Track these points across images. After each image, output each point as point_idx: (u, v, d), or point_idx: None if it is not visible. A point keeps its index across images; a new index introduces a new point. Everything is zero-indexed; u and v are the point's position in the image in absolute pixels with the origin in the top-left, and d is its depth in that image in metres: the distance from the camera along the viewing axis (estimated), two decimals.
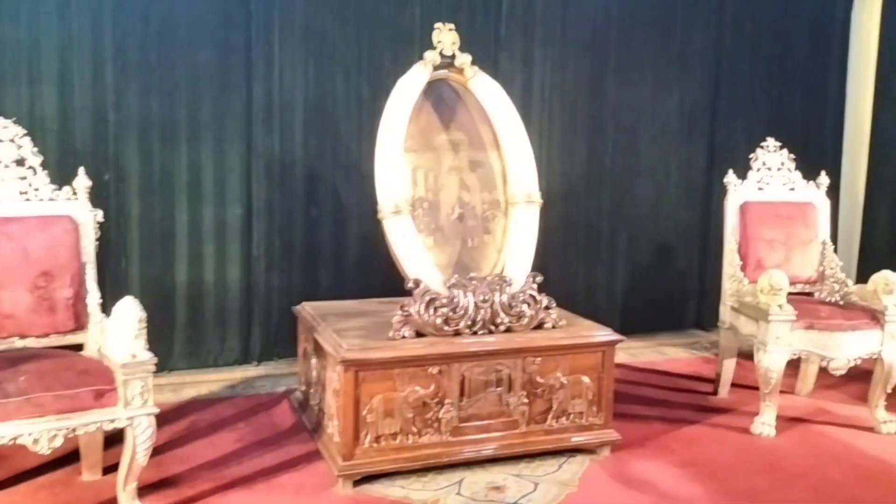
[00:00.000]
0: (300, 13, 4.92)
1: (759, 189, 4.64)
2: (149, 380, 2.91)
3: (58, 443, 2.82)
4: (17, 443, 2.78)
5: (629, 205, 5.95)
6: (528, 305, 3.61)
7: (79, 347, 3.34)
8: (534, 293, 3.64)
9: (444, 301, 3.48)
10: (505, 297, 3.56)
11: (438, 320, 3.47)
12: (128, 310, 2.89)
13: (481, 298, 3.53)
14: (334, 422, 3.46)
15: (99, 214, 3.44)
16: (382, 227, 3.66)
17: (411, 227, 3.66)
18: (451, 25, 3.91)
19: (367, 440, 3.35)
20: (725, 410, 4.38)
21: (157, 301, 4.66)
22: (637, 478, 3.51)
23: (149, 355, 2.90)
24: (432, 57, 3.85)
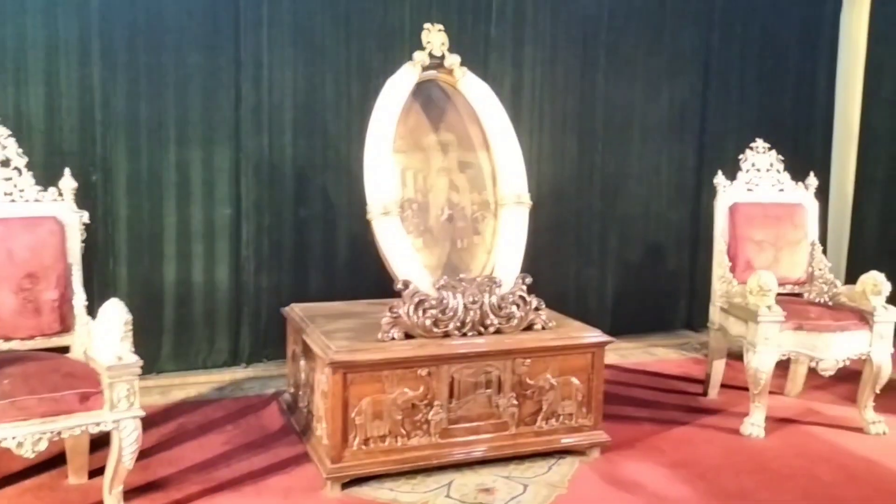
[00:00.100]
0: (289, 13, 4.90)
1: (749, 190, 4.65)
2: (135, 382, 2.90)
3: (42, 446, 2.80)
4: (1, 446, 2.75)
5: (619, 205, 5.95)
6: (518, 307, 3.61)
7: (65, 350, 3.31)
8: (523, 294, 3.63)
9: (433, 302, 3.47)
10: (494, 299, 3.56)
11: (427, 322, 3.46)
12: (114, 312, 2.88)
13: (471, 300, 3.52)
14: (323, 424, 3.45)
15: (85, 216, 3.41)
16: (372, 228, 3.65)
17: (400, 228, 3.65)
18: (440, 26, 3.91)
19: (355, 442, 3.34)
20: (715, 411, 4.39)
21: (146, 302, 4.66)
22: (627, 479, 3.51)
23: (135, 358, 2.88)
24: (421, 57, 3.84)
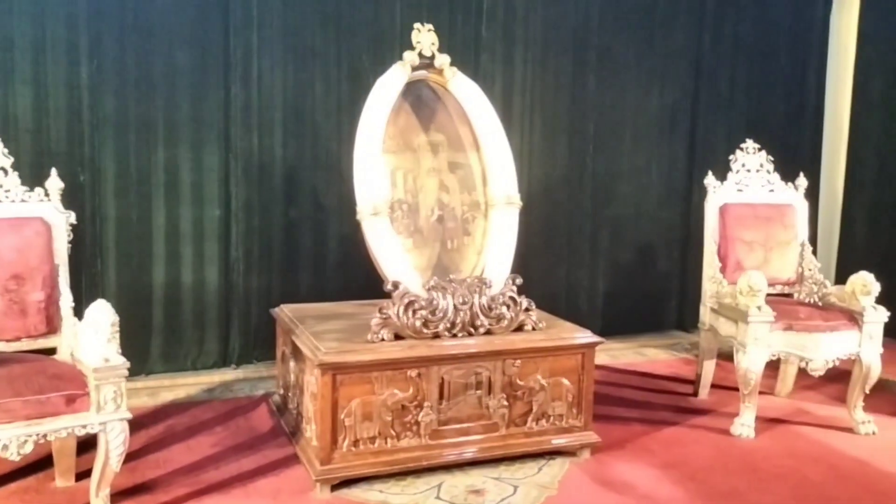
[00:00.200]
0: (279, 13, 4.88)
1: (739, 191, 4.65)
2: (122, 384, 2.87)
3: (28, 449, 2.77)
4: None
5: (610, 205, 5.96)
6: (508, 307, 3.60)
7: (51, 351, 3.28)
8: (513, 295, 3.62)
9: (423, 303, 3.46)
10: (484, 300, 3.55)
11: (417, 323, 3.45)
12: (100, 313, 2.85)
13: (461, 301, 3.51)
14: (312, 425, 3.43)
15: (72, 216, 3.38)
16: (361, 229, 3.64)
17: (390, 228, 3.63)
18: (430, 26, 3.90)
19: (345, 444, 3.32)
20: (705, 412, 4.39)
21: (134, 303, 4.63)
22: (617, 480, 3.51)
23: (122, 360, 2.86)
24: (411, 57, 3.83)
